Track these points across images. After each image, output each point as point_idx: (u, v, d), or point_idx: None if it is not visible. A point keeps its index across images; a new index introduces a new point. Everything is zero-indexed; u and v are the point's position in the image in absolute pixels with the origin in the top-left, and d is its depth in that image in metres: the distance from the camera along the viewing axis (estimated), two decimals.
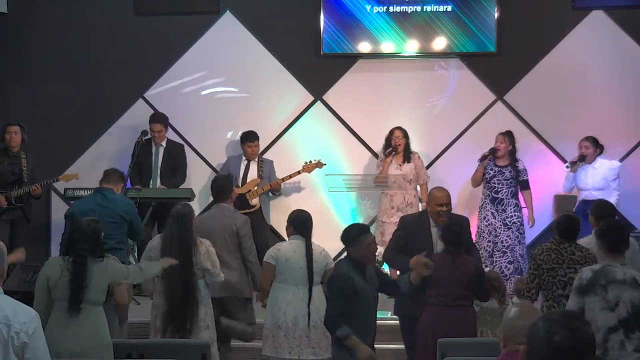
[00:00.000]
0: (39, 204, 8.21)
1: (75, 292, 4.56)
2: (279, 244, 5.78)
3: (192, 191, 7.81)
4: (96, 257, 4.70)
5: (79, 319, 4.58)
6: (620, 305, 4.29)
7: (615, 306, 4.29)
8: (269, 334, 5.56)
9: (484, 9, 8.51)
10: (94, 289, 4.63)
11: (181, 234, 5.45)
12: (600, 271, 4.37)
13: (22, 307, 3.31)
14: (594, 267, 4.44)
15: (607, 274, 4.34)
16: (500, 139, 7.85)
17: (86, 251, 4.64)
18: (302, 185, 8.66)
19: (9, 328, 3.19)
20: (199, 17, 8.86)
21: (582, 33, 8.58)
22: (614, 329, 4.27)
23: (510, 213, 7.74)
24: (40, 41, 8.93)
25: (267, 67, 8.81)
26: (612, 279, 4.32)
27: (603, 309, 4.30)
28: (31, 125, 8.02)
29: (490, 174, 7.83)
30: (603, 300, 4.31)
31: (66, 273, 4.59)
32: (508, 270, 7.63)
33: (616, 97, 8.46)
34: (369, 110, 8.71)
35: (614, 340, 4.26)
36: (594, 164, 7.75)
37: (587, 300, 4.35)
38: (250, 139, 8.18)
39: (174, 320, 5.40)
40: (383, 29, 8.62)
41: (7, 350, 3.17)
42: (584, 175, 7.76)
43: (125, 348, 4.91)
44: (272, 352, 5.55)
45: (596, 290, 4.33)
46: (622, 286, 4.31)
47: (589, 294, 4.34)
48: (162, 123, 8.18)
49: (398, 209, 7.85)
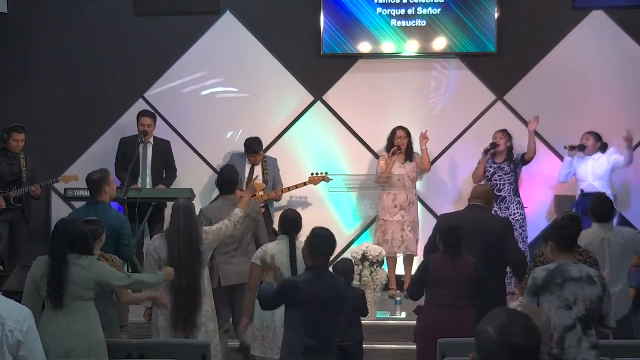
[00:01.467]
0: (38, 204, 8.21)
1: (53, 285, 4.59)
2: (265, 245, 5.79)
3: (192, 191, 7.80)
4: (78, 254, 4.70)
5: (67, 315, 4.59)
6: (578, 302, 4.29)
7: (573, 304, 4.29)
8: (258, 334, 5.58)
9: (484, 9, 8.51)
10: (78, 285, 4.62)
11: (188, 225, 5.46)
12: (555, 270, 4.35)
13: (16, 306, 3.31)
14: (549, 266, 4.42)
15: (563, 272, 4.33)
16: (499, 136, 7.91)
17: (63, 246, 4.66)
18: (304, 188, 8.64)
19: (2, 327, 3.19)
20: (199, 17, 8.86)
21: (582, 33, 8.58)
22: (571, 327, 4.27)
23: (512, 210, 7.79)
24: (40, 41, 8.93)
25: (267, 67, 8.81)
26: (568, 277, 4.31)
27: (559, 307, 4.29)
28: (31, 125, 8.03)
29: (490, 171, 7.89)
30: (559, 299, 4.29)
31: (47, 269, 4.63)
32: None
33: (616, 97, 8.46)
34: (369, 110, 8.71)
35: (571, 339, 4.26)
36: (594, 156, 7.80)
37: (542, 299, 4.33)
38: (256, 150, 7.96)
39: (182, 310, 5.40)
40: (383, 29, 8.62)
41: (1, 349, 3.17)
42: (584, 166, 7.81)
43: (125, 348, 4.92)
44: (262, 353, 5.56)
45: (551, 289, 4.31)
46: (579, 283, 4.30)
47: (544, 293, 4.32)
48: (151, 117, 8.16)
49: (401, 207, 7.89)
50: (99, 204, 5.93)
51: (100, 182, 5.96)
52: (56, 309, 4.60)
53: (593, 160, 7.80)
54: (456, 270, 5.31)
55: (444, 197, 8.57)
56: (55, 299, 4.59)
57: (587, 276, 4.34)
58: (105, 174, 6.07)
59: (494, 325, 2.23)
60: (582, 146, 7.81)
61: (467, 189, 8.33)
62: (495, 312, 2.32)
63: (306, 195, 8.58)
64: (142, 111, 8.28)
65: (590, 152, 7.81)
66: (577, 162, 7.87)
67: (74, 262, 4.65)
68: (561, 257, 4.45)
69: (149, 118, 8.14)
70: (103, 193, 5.97)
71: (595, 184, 7.68)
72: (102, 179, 5.98)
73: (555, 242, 4.49)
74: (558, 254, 4.47)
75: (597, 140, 7.83)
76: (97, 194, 5.97)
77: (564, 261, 4.41)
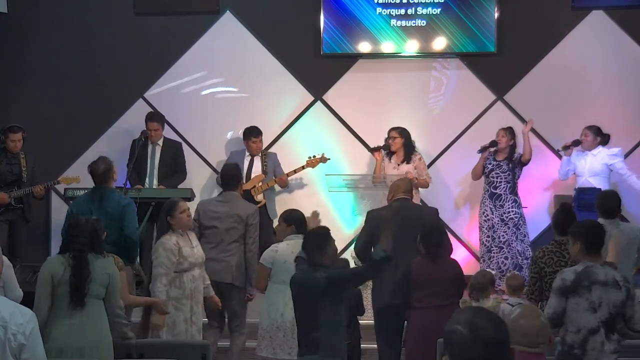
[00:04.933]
0: (38, 204, 8.21)
1: (77, 287, 4.56)
2: (275, 246, 5.77)
3: (192, 191, 7.80)
4: (96, 253, 4.71)
5: (82, 313, 4.58)
6: (602, 306, 4.32)
7: (598, 307, 4.32)
8: (266, 334, 5.56)
9: (484, 9, 8.51)
10: (98, 283, 4.63)
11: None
12: (583, 272, 4.38)
13: (19, 308, 3.31)
14: (576, 268, 4.44)
15: (590, 275, 4.36)
16: (501, 134, 7.91)
17: (85, 246, 4.66)
18: (306, 182, 8.68)
19: (5, 330, 3.18)
20: (199, 17, 8.86)
21: (581, 33, 8.59)
22: (595, 330, 4.31)
23: (507, 209, 7.77)
24: (40, 41, 8.93)
25: (267, 67, 8.81)
26: (594, 280, 4.34)
27: (586, 310, 4.33)
28: (31, 125, 8.03)
29: (489, 167, 7.90)
30: (586, 302, 4.33)
31: (69, 269, 4.60)
32: (505, 265, 7.69)
33: (616, 97, 8.46)
34: (369, 110, 8.71)
35: (594, 342, 4.30)
36: (593, 151, 7.73)
37: (571, 301, 4.36)
38: (255, 135, 8.22)
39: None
40: (383, 29, 8.62)
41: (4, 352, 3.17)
42: (582, 162, 7.76)
43: (125, 348, 4.92)
44: (270, 353, 5.55)
45: (579, 291, 4.34)
46: (605, 287, 4.33)
47: (572, 296, 4.36)
48: (159, 121, 8.18)
49: None
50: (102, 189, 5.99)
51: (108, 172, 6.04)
52: (75, 309, 4.56)
53: (592, 155, 7.72)
54: (439, 269, 5.35)
55: (444, 197, 8.57)
56: (77, 298, 4.55)
57: (612, 280, 4.37)
58: (110, 163, 6.11)
59: (463, 323, 2.30)
60: (576, 141, 7.76)
61: (467, 188, 8.37)
62: (460, 312, 2.41)
63: (306, 195, 8.58)
64: (149, 114, 8.28)
65: (589, 147, 7.74)
66: (576, 157, 7.82)
67: (93, 260, 4.65)
68: (588, 258, 4.47)
69: (156, 122, 8.14)
70: (110, 181, 6.07)
71: (592, 180, 7.64)
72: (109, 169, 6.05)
73: (585, 244, 4.50)
74: (585, 255, 4.48)
75: (597, 135, 7.73)
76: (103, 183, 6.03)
77: (590, 263, 4.43)
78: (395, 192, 5.89)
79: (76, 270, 4.58)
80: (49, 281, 4.62)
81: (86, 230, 4.71)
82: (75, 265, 4.59)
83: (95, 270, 4.63)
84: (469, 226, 8.55)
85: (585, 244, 4.49)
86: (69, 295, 4.57)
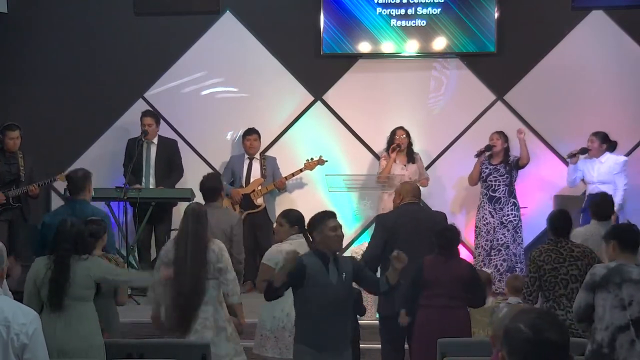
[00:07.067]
0: (38, 204, 8.20)
1: (53, 289, 4.60)
2: (278, 245, 5.75)
3: (192, 191, 7.79)
4: (80, 255, 4.72)
5: (66, 315, 4.59)
6: (633, 304, 4.30)
7: (628, 305, 4.30)
8: (271, 335, 5.53)
9: (484, 9, 8.51)
10: (79, 285, 4.64)
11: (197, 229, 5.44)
12: (615, 269, 4.38)
13: (21, 308, 3.30)
14: (609, 264, 4.46)
15: (623, 272, 4.36)
16: (495, 137, 7.90)
17: (68, 250, 4.67)
18: (306, 182, 8.67)
19: (8, 329, 3.18)
20: (199, 17, 8.86)
21: (581, 33, 8.59)
22: (625, 328, 4.28)
23: (507, 212, 7.77)
24: (40, 41, 8.93)
25: (267, 67, 8.81)
26: (627, 278, 4.34)
27: (615, 307, 4.31)
28: (31, 125, 8.03)
29: (486, 172, 7.88)
30: (616, 298, 4.32)
31: (49, 272, 4.63)
32: (503, 267, 7.70)
33: (616, 97, 8.46)
34: (369, 110, 8.72)
35: (623, 339, 4.27)
36: (601, 158, 7.59)
37: (598, 296, 4.36)
38: (248, 133, 8.28)
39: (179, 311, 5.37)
40: (383, 29, 8.62)
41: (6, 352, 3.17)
42: (590, 169, 7.64)
43: (125, 348, 4.91)
44: (276, 354, 5.52)
45: (609, 287, 4.34)
46: (637, 286, 4.32)
47: (601, 291, 4.36)
48: (152, 117, 8.17)
49: None
50: (77, 202, 5.96)
51: (84, 180, 6.03)
52: (55, 312, 4.59)
53: (599, 163, 7.57)
54: (449, 271, 5.30)
55: (444, 197, 8.57)
56: (55, 302, 4.59)
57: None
58: (88, 173, 6.12)
59: (526, 323, 2.25)
60: (583, 149, 7.62)
61: (467, 188, 8.36)
62: (523, 310, 2.37)
63: (306, 195, 8.58)
64: (145, 111, 8.30)
65: (596, 155, 7.58)
66: (583, 164, 7.66)
67: (74, 263, 4.66)
68: (622, 257, 4.48)
69: (150, 118, 8.15)
70: (87, 192, 6.03)
71: (602, 188, 7.51)
72: (86, 177, 6.05)
73: (619, 243, 4.52)
74: (620, 253, 4.50)
75: (603, 141, 7.57)
76: (79, 192, 6.00)
77: (624, 262, 4.44)
78: (405, 195, 5.89)
79: (54, 273, 4.63)
80: (32, 285, 4.70)
81: (71, 235, 4.73)
82: (56, 269, 4.64)
83: (77, 272, 4.64)
84: (469, 226, 8.55)
85: (620, 243, 4.51)
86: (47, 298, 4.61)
